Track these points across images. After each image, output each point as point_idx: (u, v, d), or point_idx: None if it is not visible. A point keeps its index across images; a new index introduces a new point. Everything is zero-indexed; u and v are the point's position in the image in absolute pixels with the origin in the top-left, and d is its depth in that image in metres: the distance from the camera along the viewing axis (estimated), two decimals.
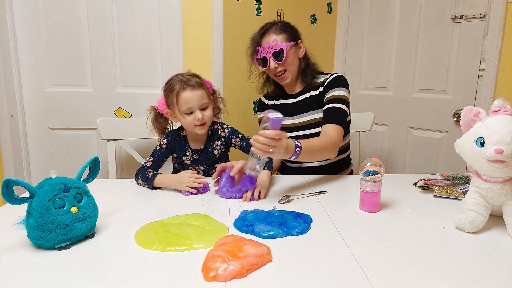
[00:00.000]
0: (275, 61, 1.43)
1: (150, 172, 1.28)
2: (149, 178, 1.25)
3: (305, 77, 1.51)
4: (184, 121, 1.30)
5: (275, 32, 1.44)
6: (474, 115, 0.94)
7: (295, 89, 1.56)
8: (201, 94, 1.28)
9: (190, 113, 1.28)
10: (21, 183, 0.79)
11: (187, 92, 1.26)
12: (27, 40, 1.84)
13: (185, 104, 1.26)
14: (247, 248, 0.78)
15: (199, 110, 1.28)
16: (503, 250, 0.84)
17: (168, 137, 1.38)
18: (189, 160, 1.38)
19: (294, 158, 1.16)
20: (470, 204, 0.95)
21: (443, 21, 1.98)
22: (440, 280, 0.71)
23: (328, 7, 2.42)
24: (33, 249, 0.83)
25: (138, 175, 1.30)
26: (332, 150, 1.32)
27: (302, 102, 1.53)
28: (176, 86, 1.28)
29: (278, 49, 1.41)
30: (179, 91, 1.27)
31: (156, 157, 1.36)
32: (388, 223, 0.99)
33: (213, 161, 1.40)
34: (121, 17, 1.88)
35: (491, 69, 1.82)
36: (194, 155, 1.38)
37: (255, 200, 1.16)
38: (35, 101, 1.91)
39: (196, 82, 1.28)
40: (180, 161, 1.39)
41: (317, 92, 1.49)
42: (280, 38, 1.43)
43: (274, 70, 1.46)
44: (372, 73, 2.32)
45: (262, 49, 1.44)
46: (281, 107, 1.58)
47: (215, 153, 1.39)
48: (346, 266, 0.76)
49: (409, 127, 2.21)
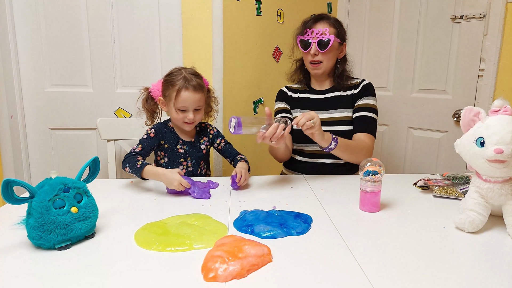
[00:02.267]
0: (317, 48, 1.46)
1: (139, 161, 1.23)
2: (138, 167, 1.21)
3: (340, 79, 1.54)
4: (175, 115, 1.33)
5: (329, 23, 1.48)
6: (474, 115, 0.94)
7: (323, 85, 1.59)
8: (200, 97, 1.33)
9: (183, 110, 1.31)
10: (21, 183, 0.79)
11: (188, 92, 1.30)
12: (27, 40, 1.84)
13: (182, 103, 1.30)
14: (247, 248, 0.78)
15: (193, 111, 1.32)
16: (503, 250, 0.84)
17: (156, 127, 1.39)
18: (182, 150, 1.40)
19: (331, 149, 1.31)
20: (470, 204, 0.95)
21: (443, 21, 1.98)
22: (440, 280, 0.71)
23: (328, 7, 2.42)
24: (33, 249, 0.83)
25: (126, 162, 1.26)
26: (365, 154, 1.43)
27: (331, 99, 1.55)
28: (178, 82, 1.29)
29: (326, 38, 1.44)
30: (181, 88, 1.29)
31: (145, 144, 1.34)
32: (388, 223, 0.99)
33: (200, 157, 1.43)
34: (121, 17, 1.88)
35: (491, 69, 1.82)
36: (184, 146, 1.40)
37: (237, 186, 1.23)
38: (35, 101, 1.91)
39: (198, 84, 1.31)
40: (173, 149, 1.39)
41: (349, 93, 1.53)
42: (331, 30, 1.46)
43: (312, 56, 1.48)
44: (372, 73, 2.32)
45: (310, 33, 1.47)
46: (305, 100, 1.59)
47: (202, 149, 1.44)
48: (346, 266, 0.76)
49: (409, 127, 2.21)
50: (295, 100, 1.61)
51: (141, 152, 1.32)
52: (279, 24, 2.22)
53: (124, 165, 1.27)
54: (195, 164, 1.43)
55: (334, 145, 1.31)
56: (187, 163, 1.42)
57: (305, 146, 1.55)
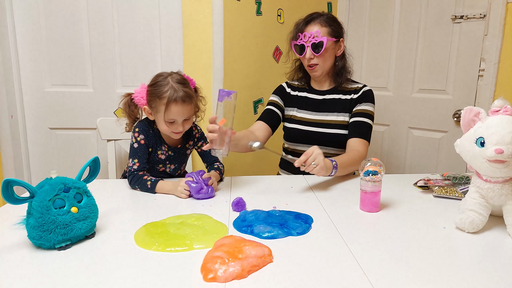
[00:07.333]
0: (312, 52, 1.44)
1: (148, 181, 1.21)
2: (149, 187, 1.20)
3: (339, 77, 1.51)
4: (163, 126, 1.25)
5: (320, 23, 1.45)
6: (474, 115, 0.93)
7: (323, 86, 1.57)
8: (189, 108, 1.24)
9: (172, 122, 1.24)
10: (21, 183, 0.79)
11: (178, 106, 1.20)
12: (27, 40, 1.84)
13: (172, 115, 1.22)
14: (247, 249, 0.78)
15: (182, 122, 1.25)
16: (503, 250, 0.84)
17: (142, 130, 1.29)
18: (164, 155, 1.34)
19: (334, 174, 1.26)
20: (470, 204, 0.95)
21: (443, 21, 1.98)
22: (440, 280, 0.71)
23: (328, 7, 2.42)
24: (33, 249, 0.83)
25: (134, 184, 1.23)
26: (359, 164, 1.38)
27: (329, 101, 1.53)
28: (166, 94, 1.20)
29: (319, 41, 1.42)
30: (170, 102, 1.19)
31: (140, 155, 1.28)
32: (388, 223, 0.99)
33: (184, 160, 1.42)
34: (121, 17, 1.88)
35: (491, 69, 1.82)
36: (169, 151, 1.35)
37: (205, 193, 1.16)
38: (35, 101, 1.91)
39: (186, 94, 1.22)
40: (154, 155, 1.33)
41: (348, 97, 1.51)
42: (323, 30, 1.44)
43: (308, 60, 1.47)
44: (372, 73, 2.32)
45: (303, 37, 1.45)
46: (304, 100, 1.57)
47: (188, 153, 1.42)
48: (347, 266, 0.76)
49: (409, 127, 2.21)
50: (293, 98, 1.60)
51: (140, 168, 1.26)
52: (279, 24, 2.22)
53: (133, 186, 1.24)
54: (175, 169, 1.39)
55: (335, 172, 1.26)
56: (165, 168, 1.37)
57: (297, 146, 1.55)
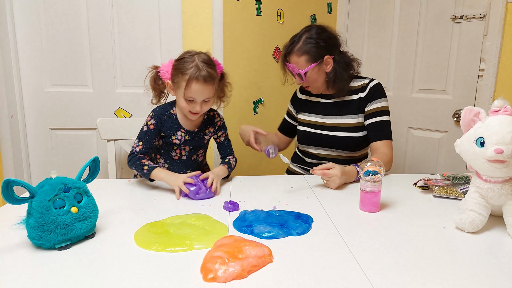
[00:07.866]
0: (299, 79, 1.46)
1: (145, 166, 1.23)
2: (145, 172, 1.22)
3: (335, 85, 1.46)
4: (182, 104, 1.26)
5: (296, 55, 1.42)
6: (474, 115, 0.94)
7: (327, 91, 1.53)
8: (210, 89, 1.25)
9: (191, 100, 1.25)
10: (21, 183, 0.79)
11: (199, 84, 1.22)
12: (27, 40, 1.84)
13: (191, 93, 1.23)
14: (248, 249, 0.78)
15: (200, 103, 1.25)
16: (503, 250, 0.84)
17: (156, 116, 1.32)
18: (179, 140, 1.34)
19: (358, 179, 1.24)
20: (470, 204, 0.95)
21: (443, 21, 1.98)
22: (440, 280, 0.71)
23: (328, 7, 2.42)
24: (33, 249, 0.83)
25: (131, 164, 1.26)
26: (388, 167, 1.42)
27: (338, 103, 1.51)
28: (189, 71, 1.21)
29: (298, 73, 1.43)
30: (191, 79, 1.21)
31: (145, 139, 1.29)
32: (388, 223, 0.99)
33: (200, 145, 1.40)
34: (121, 17, 1.88)
35: (491, 69, 1.82)
36: (186, 136, 1.35)
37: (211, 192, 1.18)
38: (35, 101, 1.91)
39: (209, 75, 1.23)
40: (168, 140, 1.34)
41: (356, 97, 1.48)
42: (301, 61, 1.41)
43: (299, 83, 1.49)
44: (372, 73, 2.30)
45: (288, 66, 1.46)
46: (313, 104, 1.57)
47: (205, 139, 1.40)
48: (347, 266, 0.76)
49: (409, 127, 2.21)
50: (302, 102, 1.60)
51: (142, 151, 1.28)
52: (279, 24, 2.22)
53: (131, 167, 1.27)
54: (190, 152, 1.38)
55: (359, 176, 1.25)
56: (180, 151, 1.37)
57: (307, 148, 1.55)
